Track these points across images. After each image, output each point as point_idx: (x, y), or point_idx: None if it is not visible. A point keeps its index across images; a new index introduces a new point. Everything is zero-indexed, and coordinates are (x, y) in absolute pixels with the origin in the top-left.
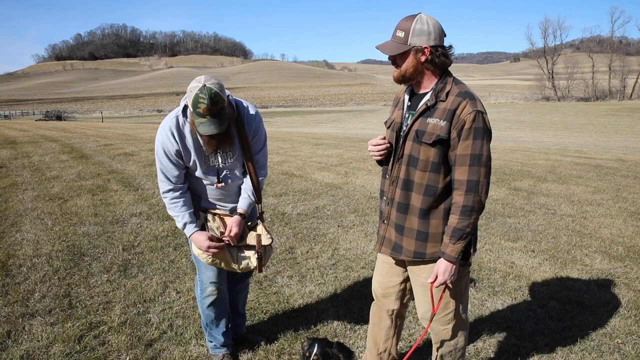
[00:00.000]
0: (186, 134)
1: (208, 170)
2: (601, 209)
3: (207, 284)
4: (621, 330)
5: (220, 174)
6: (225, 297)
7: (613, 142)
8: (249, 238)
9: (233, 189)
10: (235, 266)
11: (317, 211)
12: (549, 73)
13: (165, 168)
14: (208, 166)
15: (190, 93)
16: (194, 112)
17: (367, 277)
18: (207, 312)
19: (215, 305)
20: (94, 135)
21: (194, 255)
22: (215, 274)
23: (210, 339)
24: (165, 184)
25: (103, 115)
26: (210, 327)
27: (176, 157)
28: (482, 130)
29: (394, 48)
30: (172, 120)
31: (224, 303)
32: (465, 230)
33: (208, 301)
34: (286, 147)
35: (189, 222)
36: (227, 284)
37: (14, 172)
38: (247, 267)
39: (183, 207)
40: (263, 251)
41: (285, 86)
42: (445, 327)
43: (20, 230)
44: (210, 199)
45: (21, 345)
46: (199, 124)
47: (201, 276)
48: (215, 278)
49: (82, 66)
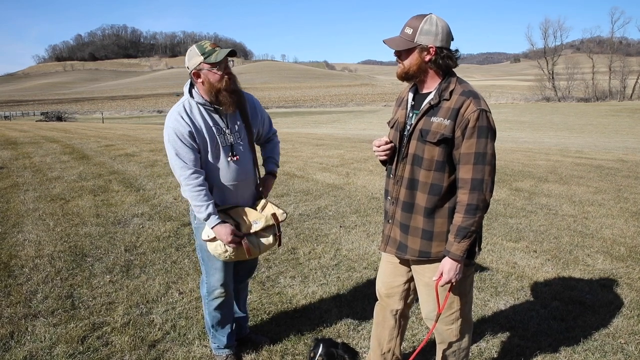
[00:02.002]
0: (195, 116)
1: (222, 148)
2: (602, 210)
3: (216, 286)
4: (624, 331)
5: (234, 150)
6: (232, 298)
7: (614, 143)
8: (265, 219)
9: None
10: (257, 252)
11: (319, 212)
12: (549, 74)
13: (181, 153)
14: (221, 144)
15: (192, 50)
16: (204, 53)
17: (370, 278)
18: (214, 313)
19: (222, 307)
20: (94, 136)
21: (204, 258)
22: (224, 275)
23: (214, 340)
24: (185, 169)
25: (103, 115)
26: (216, 328)
27: (189, 138)
28: (486, 129)
29: (400, 43)
30: (180, 106)
31: (230, 304)
32: (470, 228)
33: (216, 303)
34: (287, 148)
35: (213, 212)
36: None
37: (15, 172)
38: (268, 247)
39: (206, 196)
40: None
41: (285, 87)
42: (449, 327)
43: (22, 231)
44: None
45: (24, 346)
46: (216, 54)
47: (209, 279)
48: (224, 279)
49: (82, 67)
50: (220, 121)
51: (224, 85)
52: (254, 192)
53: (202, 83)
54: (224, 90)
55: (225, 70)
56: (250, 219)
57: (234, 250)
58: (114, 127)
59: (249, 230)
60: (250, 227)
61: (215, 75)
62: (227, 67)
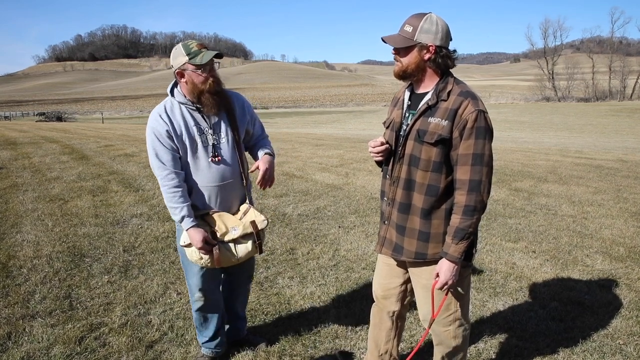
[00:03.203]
0: (176, 115)
1: (202, 148)
2: (602, 210)
3: (195, 290)
4: (623, 331)
5: (215, 150)
6: (215, 303)
7: (613, 143)
8: (243, 226)
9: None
10: (235, 260)
11: (318, 212)
12: (549, 73)
13: (159, 153)
14: (202, 144)
15: (178, 49)
16: (190, 54)
17: (368, 278)
18: (196, 315)
19: (204, 310)
20: (94, 136)
21: (184, 261)
22: (201, 280)
23: (199, 337)
24: (162, 169)
25: (103, 116)
26: (199, 328)
27: (167, 139)
28: (484, 130)
29: (399, 41)
30: (160, 106)
31: (214, 308)
32: (468, 230)
33: (196, 306)
34: (286, 148)
35: (187, 215)
36: (219, 290)
37: (15, 173)
38: (247, 255)
39: (182, 197)
40: (262, 235)
41: (285, 87)
42: (447, 328)
43: (21, 231)
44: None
45: (22, 347)
46: (201, 56)
47: (189, 281)
48: (201, 285)
49: (82, 67)
50: (202, 121)
51: (207, 88)
52: (241, 195)
53: (186, 83)
54: (207, 92)
55: (210, 73)
56: (229, 225)
57: (210, 257)
58: (113, 127)
59: (224, 238)
60: (227, 234)
61: (200, 77)
62: (212, 70)
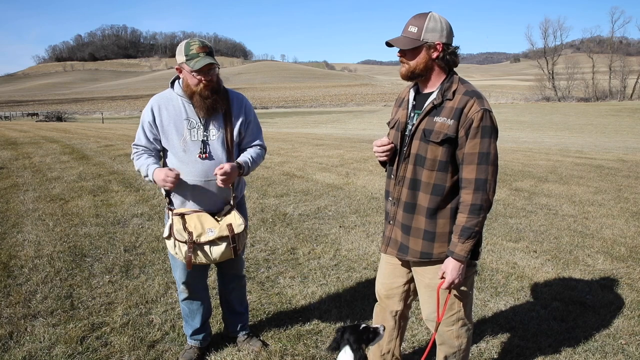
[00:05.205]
0: (169, 107)
1: (191, 142)
2: (603, 210)
3: (179, 283)
4: (624, 331)
5: (205, 147)
6: (200, 296)
7: (614, 143)
8: (220, 229)
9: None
10: (209, 260)
11: (319, 212)
12: (549, 73)
13: (139, 133)
14: (191, 138)
15: (180, 47)
16: (187, 56)
17: (370, 278)
18: (182, 305)
19: (187, 302)
20: (94, 136)
21: (170, 255)
22: (186, 274)
23: (185, 328)
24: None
25: (103, 116)
26: (186, 319)
27: (148, 127)
28: (490, 129)
29: (407, 43)
30: (156, 97)
31: (198, 300)
32: (474, 229)
33: (181, 297)
34: (287, 148)
35: (151, 163)
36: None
37: (15, 173)
38: (222, 257)
39: (148, 158)
40: (237, 238)
41: (285, 87)
42: (450, 328)
43: (22, 231)
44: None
45: (23, 347)
46: (195, 61)
47: (174, 274)
48: (185, 278)
49: (82, 67)
50: (195, 116)
51: (198, 90)
52: (226, 195)
53: (183, 79)
54: (198, 95)
55: (204, 77)
56: (205, 226)
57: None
58: (113, 127)
59: (200, 239)
60: (202, 235)
61: (193, 79)
62: (206, 74)
